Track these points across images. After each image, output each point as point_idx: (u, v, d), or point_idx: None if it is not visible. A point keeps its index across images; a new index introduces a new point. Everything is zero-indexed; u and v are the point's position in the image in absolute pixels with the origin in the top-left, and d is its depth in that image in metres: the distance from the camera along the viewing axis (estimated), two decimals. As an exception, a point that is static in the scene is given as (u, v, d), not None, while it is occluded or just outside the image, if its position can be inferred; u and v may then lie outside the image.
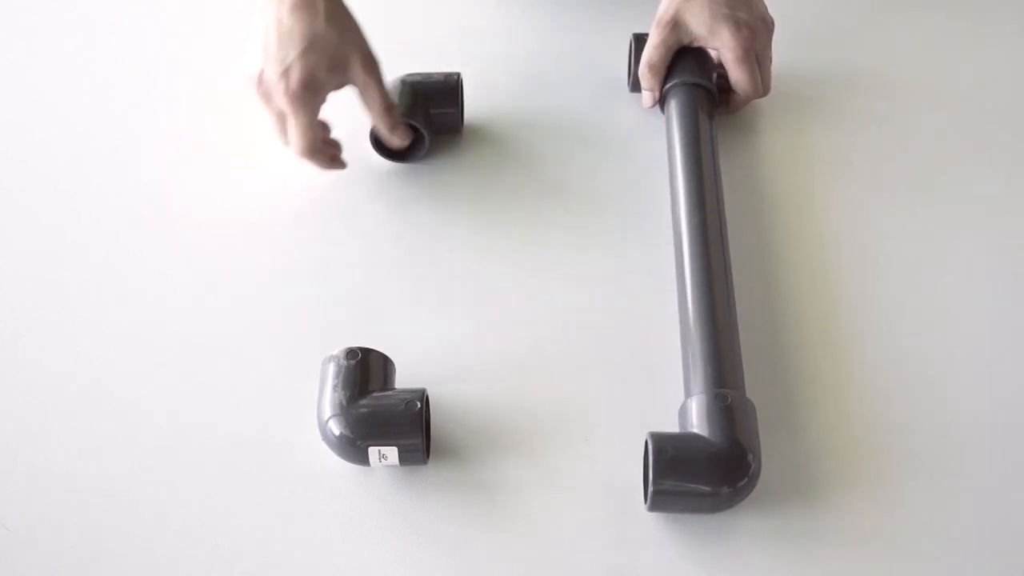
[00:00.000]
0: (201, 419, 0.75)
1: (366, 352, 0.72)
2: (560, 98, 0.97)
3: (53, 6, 1.07)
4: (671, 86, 0.91)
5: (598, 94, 0.97)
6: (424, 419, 0.70)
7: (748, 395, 0.71)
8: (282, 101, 0.79)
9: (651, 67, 0.91)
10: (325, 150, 0.84)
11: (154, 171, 0.91)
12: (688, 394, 0.72)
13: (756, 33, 0.88)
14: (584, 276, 0.83)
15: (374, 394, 0.70)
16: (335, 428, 0.69)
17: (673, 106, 0.90)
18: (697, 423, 0.69)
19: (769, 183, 0.88)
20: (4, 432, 0.74)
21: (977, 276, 0.84)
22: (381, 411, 0.69)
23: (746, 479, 0.67)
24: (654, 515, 0.69)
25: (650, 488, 0.66)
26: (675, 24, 0.89)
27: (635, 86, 0.95)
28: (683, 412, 0.71)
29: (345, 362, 0.71)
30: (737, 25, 0.87)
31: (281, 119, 0.81)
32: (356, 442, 0.69)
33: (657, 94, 0.92)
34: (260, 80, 0.79)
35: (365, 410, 0.69)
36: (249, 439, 0.74)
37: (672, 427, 0.71)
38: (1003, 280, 0.83)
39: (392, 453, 0.69)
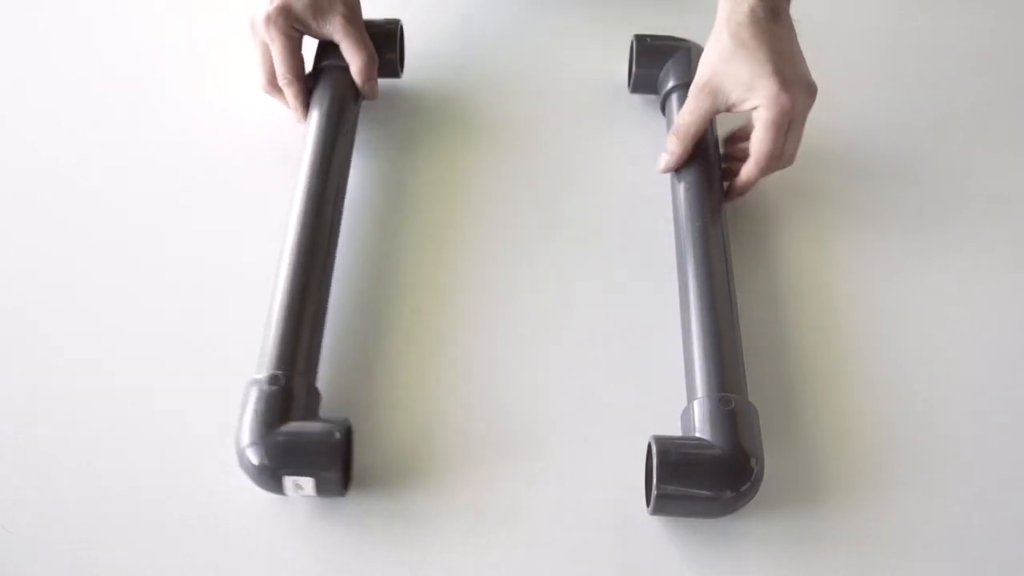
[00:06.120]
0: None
1: (289, 377, 0.69)
2: (560, 99, 0.97)
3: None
4: (674, 86, 0.91)
5: (599, 95, 0.97)
6: (345, 450, 0.68)
7: (750, 399, 0.71)
8: (260, 25, 0.86)
9: (677, 133, 0.83)
10: (304, 83, 0.89)
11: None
12: (690, 398, 0.72)
13: (797, 97, 0.78)
14: (583, 278, 0.83)
15: (294, 422, 0.68)
16: (253, 456, 0.66)
17: (675, 108, 0.89)
18: (700, 427, 0.69)
19: (771, 183, 0.88)
20: (4, 433, 0.73)
21: (976, 282, 0.84)
22: (300, 440, 0.67)
23: (749, 483, 0.67)
24: (656, 519, 0.69)
25: (653, 492, 0.66)
26: (709, 90, 0.81)
27: (636, 87, 0.95)
28: (686, 416, 0.71)
29: (267, 387, 0.68)
30: (781, 84, 0.77)
31: (263, 51, 0.87)
32: (274, 471, 0.66)
33: (679, 161, 0.84)
34: (251, 15, 0.87)
35: (283, 439, 0.67)
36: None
37: (672, 431, 0.71)
38: (1001, 285, 0.84)
39: (308, 484, 0.67)
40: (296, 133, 0.89)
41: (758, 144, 0.80)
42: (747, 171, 0.82)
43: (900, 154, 0.93)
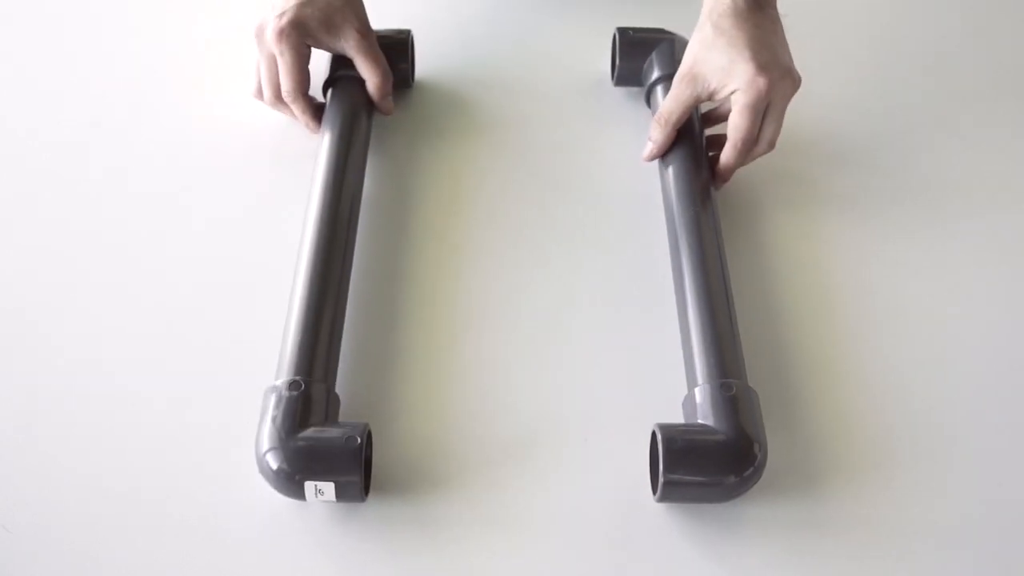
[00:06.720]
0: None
1: (308, 383, 0.69)
2: (544, 92, 0.97)
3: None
4: (658, 78, 0.91)
5: (583, 88, 0.97)
6: (365, 455, 0.67)
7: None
8: (271, 39, 0.84)
9: (659, 121, 0.84)
10: (309, 98, 0.89)
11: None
12: (691, 385, 0.71)
13: (775, 83, 0.78)
14: (579, 274, 0.83)
15: (314, 427, 0.67)
16: (272, 461, 0.66)
17: (659, 99, 0.89)
18: (702, 413, 0.68)
19: (759, 171, 0.87)
20: (4, 433, 0.73)
21: (975, 268, 0.84)
22: (320, 445, 0.66)
23: (753, 468, 0.66)
24: (662, 506, 0.69)
25: (660, 479, 0.66)
26: (691, 78, 0.82)
27: (619, 80, 0.95)
28: (687, 403, 0.71)
29: (287, 393, 0.68)
30: (758, 68, 0.78)
31: (270, 63, 0.87)
32: (293, 476, 0.66)
33: (662, 148, 0.85)
34: (259, 26, 0.86)
35: (303, 444, 0.66)
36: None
37: (675, 420, 0.71)
38: (1001, 272, 0.84)
39: (329, 488, 0.66)
40: (298, 132, 0.90)
41: (734, 128, 0.81)
42: (725, 155, 0.83)
43: (883, 143, 0.93)
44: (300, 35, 0.85)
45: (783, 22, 0.83)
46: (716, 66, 0.80)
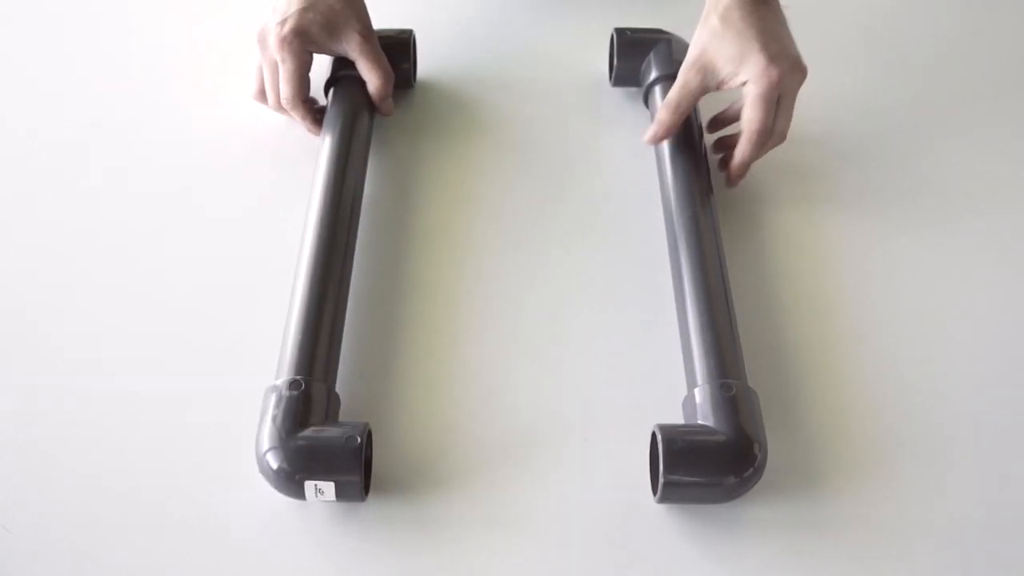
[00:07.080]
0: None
1: (308, 383, 0.69)
2: (544, 92, 0.97)
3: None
4: (656, 78, 0.91)
5: (582, 88, 0.97)
6: (365, 455, 0.67)
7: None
8: (274, 46, 0.85)
9: (668, 106, 0.83)
10: (309, 103, 0.89)
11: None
12: (691, 385, 0.71)
13: (786, 73, 0.79)
14: (580, 274, 0.83)
15: (314, 427, 0.67)
16: (272, 461, 0.66)
17: (658, 99, 0.89)
18: (702, 414, 0.68)
19: (762, 170, 0.87)
20: (4, 433, 0.73)
21: (975, 267, 0.84)
22: (320, 445, 0.66)
23: (753, 469, 0.66)
24: (662, 506, 0.69)
25: (660, 480, 0.66)
26: (700, 67, 0.82)
27: (617, 80, 0.95)
28: (687, 404, 0.71)
29: (287, 392, 0.68)
30: (769, 59, 0.78)
31: (273, 69, 0.87)
32: (294, 476, 0.66)
33: (668, 131, 0.84)
34: (261, 31, 0.86)
35: (303, 443, 0.66)
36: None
37: (675, 420, 0.71)
38: (1002, 272, 0.84)
39: (329, 488, 0.66)
40: (299, 132, 0.90)
41: (749, 120, 0.81)
42: (740, 150, 0.82)
43: (883, 142, 0.93)
44: (302, 42, 0.85)
45: (785, 13, 0.83)
46: (727, 55, 0.80)
